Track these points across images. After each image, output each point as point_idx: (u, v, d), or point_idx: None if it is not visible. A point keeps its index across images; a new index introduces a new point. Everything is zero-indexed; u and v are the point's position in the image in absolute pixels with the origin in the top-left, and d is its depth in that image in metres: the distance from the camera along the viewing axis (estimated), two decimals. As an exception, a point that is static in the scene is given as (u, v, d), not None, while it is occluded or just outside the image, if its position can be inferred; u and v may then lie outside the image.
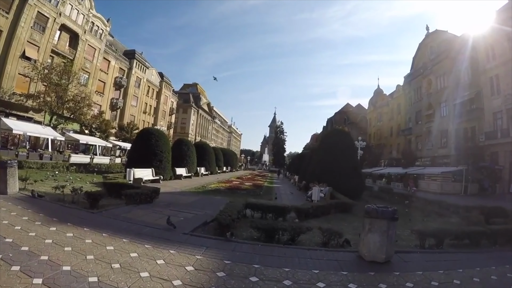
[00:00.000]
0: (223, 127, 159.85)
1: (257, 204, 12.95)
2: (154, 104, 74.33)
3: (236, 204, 11.75)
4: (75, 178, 21.49)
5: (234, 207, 10.95)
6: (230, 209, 10.33)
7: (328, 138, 26.93)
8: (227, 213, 9.57)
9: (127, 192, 12.55)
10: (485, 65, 38.49)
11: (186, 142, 35.07)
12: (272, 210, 12.43)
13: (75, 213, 9.96)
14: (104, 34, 51.83)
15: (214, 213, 11.25)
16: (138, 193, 12.87)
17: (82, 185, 17.06)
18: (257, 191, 25.37)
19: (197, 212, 12.57)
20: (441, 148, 47.28)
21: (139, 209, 11.71)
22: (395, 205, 19.90)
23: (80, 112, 39.60)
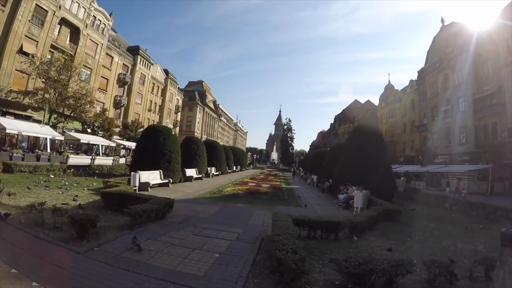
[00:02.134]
0: (229, 125, 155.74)
1: (305, 220, 9.86)
2: (159, 101, 70.68)
3: (284, 222, 8.63)
4: (71, 183, 17.96)
5: (284, 228, 7.89)
6: (282, 233, 7.28)
7: (357, 135, 23.78)
8: (281, 242, 6.61)
9: (132, 210, 9.07)
10: (507, 59, 35.79)
11: (196, 140, 31.66)
12: (324, 226, 9.81)
13: (53, 252, 6.42)
14: (107, 29, 48.06)
15: (247, 232, 9.85)
16: (147, 210, 9.47)
17: (77, 194, 13.93)
18: (279, 195, 22.29)
19: (226, 232, 9.81)
20: (460, 145, 44.39)
21: (149, 236, 8.26)
22: (436, 209, 20.93)
23: (80, 110, 35.98)
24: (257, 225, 11.38)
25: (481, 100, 40.88)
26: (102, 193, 12.21)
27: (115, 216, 10.32)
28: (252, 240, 9.05)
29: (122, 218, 9.82)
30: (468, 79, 43.18)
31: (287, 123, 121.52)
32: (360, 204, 15.00)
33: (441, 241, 10.91)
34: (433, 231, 12.74)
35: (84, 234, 7.30)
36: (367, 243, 9.72)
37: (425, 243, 10.43)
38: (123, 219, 9.65)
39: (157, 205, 10.13)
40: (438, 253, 9.03)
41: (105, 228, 8.55)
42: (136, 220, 9.08)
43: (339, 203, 19.18)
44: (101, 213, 10.01)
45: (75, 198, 12.81)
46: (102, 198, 12.09)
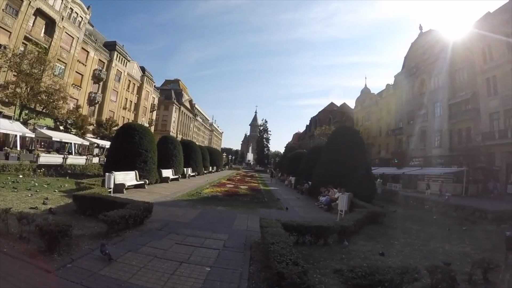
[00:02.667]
0: (204, 125, 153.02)
1: (294, 225, 9.39)
2: (134, 99, 68.73)
3: (274, 229, 8.03)
4: (42, 184, 16.72)
5: (277, 235, 7.31)
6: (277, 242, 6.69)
7: (337, 137, 23.56)
8: (277, 252, 6.03)
9: (109, 217, 8.14)
10: (482, 66, 37.47)
11: (172, 140, 30.54)
12: (314, 231, 9.47)
13: (18, 270, 5.35)
14: (83, 22, 46.06)
15: (233, 239, 9.38)
16: (125, 217, 8.61)
17: (47, 196, 12.92)
18: (259, 197, 21.67)
19: (211, 239, 9.20)
20: (435, 148, 45.93)
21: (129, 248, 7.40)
22: (417, 211, 20.50)
23: (53, 106, 33.84)
24: (241, 230, 10.94)
25: (456, 105, 42.41)
26: (74, 196, 11.19)
27: (89, 222, 9.44)
28: (240, 248, 8.54)
29: (97, 224, 8.94)
30: (444, 85, 44.60)
31: (263, 124, 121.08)
32: (345, 207, 14.56)
33: (428, 243, 11.00)
34: (418, 233, 12.80)
35: (54, 246, 6.34)
36: (357, 248, 9.50)
37: (414, 246, 10.45)
38: (98, 225, 8.78)
39: (136, 210, 9.30)
40: (429, 256, 9.13)
41: (79, 237, 7.65)
42: (113, 228, 8.22)
43: (321, 205, 18.94)
44: (74, 219, 9.27)
45: (45, 202, 11.77)
46: (75, 201, 11.09)
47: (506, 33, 33.39)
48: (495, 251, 9.75)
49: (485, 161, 35.53)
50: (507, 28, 33.29)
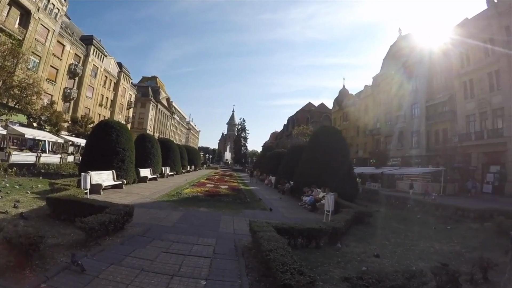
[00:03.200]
0: (181, 124, 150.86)
1: (287, 228, 8.92)
2: (111, 96, 66.47)
3: (268, 233, 7.64)
4: (13, 185, 15.61)
5: (273, 241, 6.94)
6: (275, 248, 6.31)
7: (319, 137, 23.29)
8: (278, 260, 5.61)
9: (87, 224, 7.27)
10: (459, 70, 39.04)
11: (150, 138, 29.60)
12: (306, 233, 9.11)
13: None
14: (60, 15, 43.82)
15: (222, 244, 8.88)
16: (104, 223, 7.79)
17: (19, 198, 11.96)
18: (241, 198, 21.10)
19: (199, 245, 8.63)
20: (412, 148, 47.06)
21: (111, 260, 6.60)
22: (400, 210, 20.52)
23: (26, 101, 31.94)
24: (228, 234, 10.45)
25: (434, 107, 43.76)
26: (48, 199, 10.21)
27: (64, 228, 8.59)
28: (232, 254, 8.02)
29: (73, 231, 8.14)
30: (422, 88, 45.84)
31: (241, 123, 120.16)
32: (332, 207, 14.00)
33: (418, 243, 10.96)
34: (406, 233, 12.74)
35: (26, 261, 5.48)
36: (350, 250, 9.30)
37: (405, 246, 10.39)
38: (75, 232, 7.97)
39: (116, 215, 8.50)
40: (423, 256, 9.15)
41: (54, 247, 6.81)
42: (92, 236, 7.40)
43: (305, 205, 18.66)
44: (48, 225, 8.52)
45: (16, 205, 10.83)
46: (48, 205, 10.14)
47: (483, 39, 34.85)
48: (485, 250, 9.96)
49: (462, 161, 36.55)
50: (484, 34, 34.91)
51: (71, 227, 8.47)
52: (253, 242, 8.42)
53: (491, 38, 34.17)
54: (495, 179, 33.61)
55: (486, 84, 35.23)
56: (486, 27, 34.79)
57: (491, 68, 34.82)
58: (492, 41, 34.13)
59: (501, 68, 33.33)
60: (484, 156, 35.03)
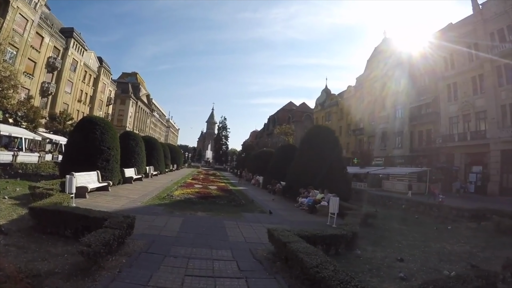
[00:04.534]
0: (161, 121, 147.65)
1: (309, 236, 8.08)
2: (90, 92, 63.50)
3: (299, 244, 6.92)
4: None
5: (312, 254, 6.20)
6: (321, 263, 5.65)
7: (312, 137, 22.51)
8: (338, 278, 5.00)
9: (90, 247, 5.65)
10: (443, 73, 40.03)
11: (134, 136, 27.68)
12: (328, 240, 8.52)
13: None
14: (40, 4, 41.11)
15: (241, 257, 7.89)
16: (109, 242, 6.28)
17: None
18: (235, 199, 19.73)
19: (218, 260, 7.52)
20: (396, 148, 47.60)
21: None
22: (395, 211, 20.54)
23: (2, 95, 30.13)
24: (240, 243, 9.46)
25: (417, 108, 44.55)
26: (31, 209, 8.42)
27: (54, 246, 7.05)
28: (261, 270, 7.08)
29: (65, 249, 6.76)
30: (406, 89, 46.25)
31: (222, 121, 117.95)
32: (337, 209, 13.30)
33: (429, 244, 10.80)
34: (411, 234, 12.60)
35: None
36: (371, 255, 8.83)
37: (419, 248, 10.15)
38: (68, 251, 6.61)
39: (119, 229, 7.00)
40: (443, 258, 9.03)
41: (49, 277, 5.23)
42: (96, 260, 5.86)
43: (302, 207, 17.90)
44: (33, 242, 7.05)
45: None
46: (32, 216, 8.40)
47: (467, 44, 35.99)
48: (494, 249, 10.30)
49: (445, 162, 37.53)
50: (469, 39, 35.85)
51: (61, 244, 7.13)
52: (277, 253, 7.78)
53: (476, 43, 35.17)
54: (477, 179, 34.52)
55: (470, 87, 36.38)
56: (471, 32, 35.78)
57: (475, 72, 35.89)
58: (476, 46, 35.24)
59: (485, 72, 34.32)
60: (467, 156, 36.09)
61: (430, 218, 17.82)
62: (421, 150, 41.88)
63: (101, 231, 6.53)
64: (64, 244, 7.07)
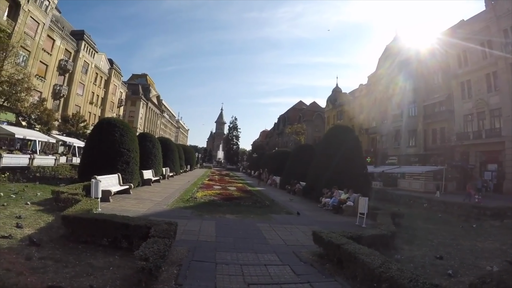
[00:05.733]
0: (171, 122, 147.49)
1: (355, 237, 7.94)
2: (102, 94, 63.30)
3: (352, 245, 6.81)
4: (8, 193, 12.84)
5: (372, 255, 6.13)
6: (385, 264, 5.57)
7: (333, 136, 21.98)
8: (405, 277, 4.93)
9: (147, 261, 4.96)
10: (457, 71, 39.24)
11: (151, 137, 27.02)
12: (370, 240, 8.21)
13: None
14: (51, 7, 40.87)
15: (288, 260, 7.70)
16: (165, 254, 5.58)
17: (19, 212, 9.63)
18: (259, 200, 19.34)
19: (271, 265, 7.24)
20: (409, 147, 47.13)
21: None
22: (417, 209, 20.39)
23: (16, 98, 29.52)
24: (281, 246, 9.15)
25: (431, 106, 44.18)
26: (64, 218, 7.62)
27: (93, 257, 6.39)
28: (316, 274, 6.82)
29: (106, 260, 6.21)
30: (419, 87, 45.85)
31: (232, 122, 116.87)
32: (366, 209, 13.02)
33: (460, 242, 10.78)
34: (440, 232, 12.55)
35: None
36: (410, 254, 8.83)
37: (451, 246, 10.18)
38: (111, 263, 6.09)
39: (167, 238, 6.33)
40: (478, 255, 9.03)
41: None
42: (154, 274, 5.08)
43: (327, 207, 17.37)
44: (70, 253, 6.40)
45: (19, 223, 8.29)
46: (66, 225, 7.63)
47: (481, 41, 35.29)
48: None
49: (460, 160, 37.00)
50: (482, 36, 35.09)
51: (101, 255, 6.51)
52: (327, 255, 7.63)
53: (489, 40, 34.55)
54: (493, 177, 33.89)
55: (484, 85, 35.65)
56: (483, 29, 35.07)
57: (488, 70, 35.21)
58: (490, 43, 34.50)
59: (499, 70, 33.67)
60: (482, 154, 35.47)
61: (453, 216, 17.60)
62: (435, 149, 41.32)
63: (152, 241, 5.85)
64: (104, 255, 6.45)
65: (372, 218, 13.25)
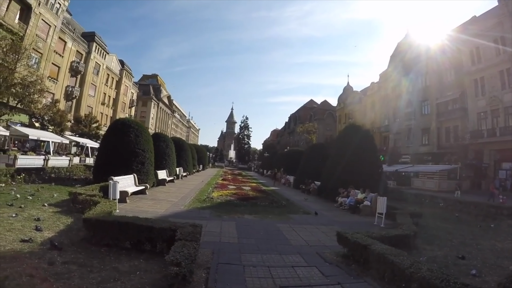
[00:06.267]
0: (182, 122, 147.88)
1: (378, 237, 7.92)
2: (113, 94, 63.58)
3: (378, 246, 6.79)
4: (24, 195, 12.77)
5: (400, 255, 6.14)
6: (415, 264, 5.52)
7: (348, 136, 21.70)
8: (436, 277, 4.90)
9: (179, 266, 4.66)
10: (470, 68, 38.37)
11: (164, 137, 26.89)
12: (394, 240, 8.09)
13: None
14: (62, 10, 41.04)
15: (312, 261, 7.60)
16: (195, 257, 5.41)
17: (37, 214, 9.43)
18: (275, 200, 19.15)
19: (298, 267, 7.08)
20: (422, 146, 46.52)
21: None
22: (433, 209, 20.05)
23: (29, 100, 29.22)
24: (304, 246, 9.05)
25: (444, 104, 43.37)
26: (86, 221, 7.40)
27: (118, 261, 6.18)
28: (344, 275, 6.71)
29: (132, 264, 6.02)
30: (432, 84, 45.37)
31: (244, 121, 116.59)
32: (384, 209, 12.90)
33: (480, 242, 10.69)
34: (458, 232, 12.49)
35: None
36: (432, 254, 8.74)
37: (472, 245, 10.13)
38: (137, 266, 5.91)
39: (194, 241, 6.10)
40: (499, 255, 8.98)
41: None
42: (186, 279, 4.76)
43: (344, 207, 17.18)
44: (94, 257, 6.21)
45: (39, 226, 8.04)
46: (88, 228, 7.43)
47: (494, 38, 34.53)
48: None
49: (474, 159, 36.24)
50: (495, 32, 34.42)
51: (125, 258, 6.30)
52: (352, 256, 7.54)
53: (502, 36, 33.76)
54: (507, 176, 33.04)
55: (498, 82, 34.73)
56: (496, 25, 34.32)
57: (502, 66, 34.25)
58: (503, 39, 33.92)
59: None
60: (496, 153, 34.57)
61: (470, 216, 17.48)
62: (449, 147, 40.52)
63: (181, 245, 5.60)
64: (128, 259, 6.23)
65: (390, 218, 13.04)
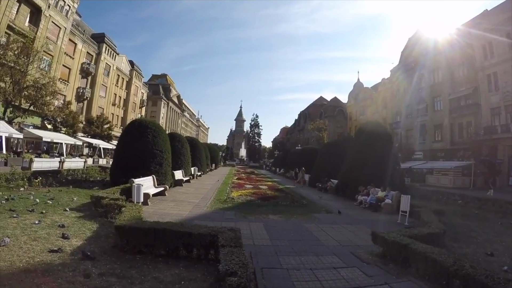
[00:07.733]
0: (191, 121, 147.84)
1: (411, 235, 7.94)
2: (124, 95, 63.92)
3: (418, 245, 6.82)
4: (44, 200, 12.23)
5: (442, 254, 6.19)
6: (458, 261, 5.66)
7: (365, 134, 21.23)
8: (482, 273, 4.99)
9: (236, 275, 4.44)
10: (483, 63, 37.76)
11: (179, 137, 26.67)
12: (425, 238, 7.99)
13: None
14: (71, 12, 41.28)
15: (351, 262, 7.43)
16: (246, 266, 4.94)
17: (61, 221, 9.03)
18: (296, 199, 19.00)
19: (338, 268, 6.99)
20: (435, 142, 46.23)
21: None
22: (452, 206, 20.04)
23: (42, 102, 29.40)
24: (337, 247, 8.87)
25: (457, 100, 42.75)
26: (118, 228, 7.02)
27: (157, 270, 5.81)
28: (386, 275, 6.63)
29: (170, 272, 5.76)
30: (444, 80, 44.86)
31: (254, 119, 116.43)
32: (408, 207, 12.72)
33: (503, 239, 10.59)
34: (481, 229, 12.31)
35: None
36: (460, 251, 8.63)
37: (497, 242, 10.12)
38: (178, 275, 5.64)
39: (239, 247, 5.87)
40: None
41: None
42: None
43: (364, 205, 16.83)
44: (131, 266, 5.91)
45: (65, 233, 7.69)
46: (121, 236, 7.01)
47: (506, 32, 33.82)
48: None
49: (488, 155, 35.67)
50: (507, 26, 33.68)
51: (163, 267, 5.99)
52: (389, 255, 7.51)
53: None
54: None
55: (511, 77, 33.96)
56: (508, 19, 33.61)
57: None
58: None
59: None
60: (510, 149, 34.12)
61: (490, 213, 17.43)
62: (462, 143, 40.05)
63: (228, 252, 5.39)
64: (167, 267, 5.91)
65: (413, 216, 12.82)
